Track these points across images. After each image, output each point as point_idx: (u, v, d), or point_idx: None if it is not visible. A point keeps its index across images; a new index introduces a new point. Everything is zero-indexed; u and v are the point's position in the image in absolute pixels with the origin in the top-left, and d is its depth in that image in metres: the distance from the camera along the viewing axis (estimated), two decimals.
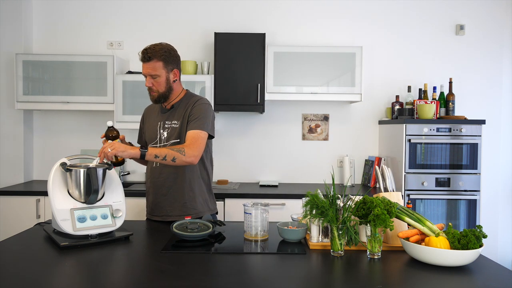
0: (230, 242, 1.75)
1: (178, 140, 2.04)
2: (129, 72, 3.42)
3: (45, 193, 3.05)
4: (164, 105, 2.12)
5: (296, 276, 1.40)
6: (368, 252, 1.52)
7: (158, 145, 2.09)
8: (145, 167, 3.59)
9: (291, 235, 1.72)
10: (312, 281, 1.36)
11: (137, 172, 3.67)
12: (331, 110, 3.69)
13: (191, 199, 2.08)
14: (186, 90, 2.18)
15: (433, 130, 3.15)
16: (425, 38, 3.66)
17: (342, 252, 1.54)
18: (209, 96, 3.30)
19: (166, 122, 2.09)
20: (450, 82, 3.45)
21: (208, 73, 3.46)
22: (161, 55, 1.98)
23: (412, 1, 3.65)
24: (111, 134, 1.89)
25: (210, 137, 2.07)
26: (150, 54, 1.96)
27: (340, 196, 1.66)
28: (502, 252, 3.70)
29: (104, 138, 1.89)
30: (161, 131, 2.09)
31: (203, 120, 2.01)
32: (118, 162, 1.88)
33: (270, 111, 3.66)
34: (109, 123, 1.90)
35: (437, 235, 1.48)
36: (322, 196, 1.64)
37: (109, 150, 1.72)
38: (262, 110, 3.34)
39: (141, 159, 1.87)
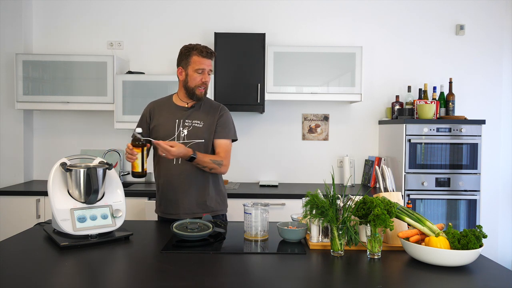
0: (230, 242, 1.75)
1: (203, 140, 2.11)
2: (129, 72, 3.42)
3: (45, 193, 3.05)
4: (186, 102, 2.17)
5: (296, 276, 1.40)
6: (368, 252, 1.52)
7: (176, 141, 2.09)
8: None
9: (291, 235, 1.72)
10: (312, 281, 1.36)
11: None
12: (331, 110, 3.69)
13: (211, 198, 2.14)
14: None
15: (433, 130, 3.15)
16: (425, 38, 3.66)
17: (342, 252, 1.54)
18: (209, 96, 3.29)
19: (187, 120, 2.13)
20: (450, 82, 3.45)
21: None
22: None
23: (412, 1, 3.65)
24: (138, 142, 1.86)
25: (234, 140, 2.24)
26: (213, 52, 2.13)
27: (340, 196, 1.66)
28: (502, 252, 3.70)
29: (132, 147, 1.86)
30: (181, 128, 2.12)
31: (232, 129, 2.21)
32: (141, 174, 1.90)
33: (270, 111, 3.66)
34: (138, 130, 1.90)
35: (437, 235, 1.48)
36: (322, 196, 1.64)
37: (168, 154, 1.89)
38: (262, 110, 3.34)
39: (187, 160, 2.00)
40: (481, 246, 1.41)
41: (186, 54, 2.11)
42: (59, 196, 1.69)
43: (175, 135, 2.11)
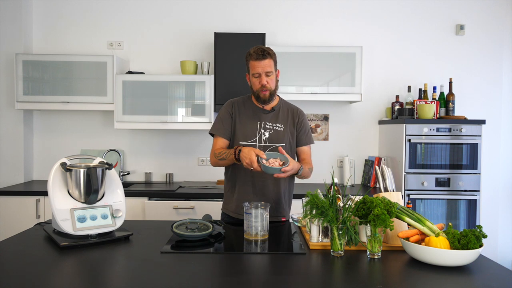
0: (230, 242, 1.75)
1: (284, 144, 2.09)
2: (129, 72, 3.42)
3: (45, 193, 3.05)
4: (262, 106, 2.13)
5: (296, 276, 1.39)
6: (368, 252, 1.52)
7: (257, 144, 2.07)
8: (144, 168, 3.58)
9: (269, 170, 1.81)
10: (312, 281, 1.36)
11: (137, 172, 3.67)
12: (331, 110, 3.69)
13: (286, 202, 2.18)
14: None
15: (433, 130, 3.15)
16: (425, 38, 3.66)
17: (342, 252, 1.54)
18: (209, 96, 3.30)
19: (268, 123, 2.10)
20: (450, 82, 3.45)
21: (208, 73, 3.46)
22: (273, 54, 2.07)
23: (412, 1, 3.65)
24: None
25: None
26: (266, 51, 2.02)
27: (337, 185, 1.66)
28: (502, 252, 3.70)
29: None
30: (262, 130, 2.09)
31: (311, 133, 2.25)
32: None
33: None
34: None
35: (437, 235, 1.48)
36: (322, 196, 1.64)
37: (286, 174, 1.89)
38: None
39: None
40: (481, 246, 1.41)
41: (246, 59, 2.09)
42: (59, 196, 1.69)
43: (257, 137, 2.08)
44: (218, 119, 2.17)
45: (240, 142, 2.09)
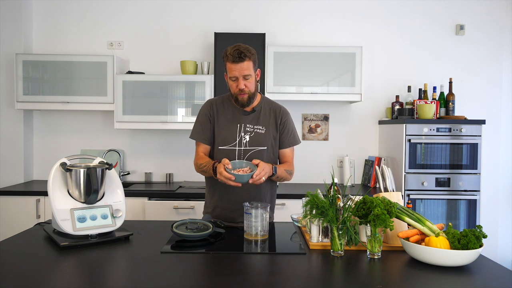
0: (230, 242, 1.75)
1: (265, 147, 1.98)
2: (129, 72, 3.42)
3: (45, 193, 3.05)
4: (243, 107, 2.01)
5: (296, 276, 1.40)
6: (368, 252, 1.52)
7: (237, 148, 1.97)
8: (144, 168, 3.58)
9: (238, 178, 1.77)
10: (312, 281, 1.36)
11: (137, 172, 3.67)
12: (331, 110, 3.69)
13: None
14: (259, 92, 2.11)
15: (433, 130, 3.15)
16: (425, 38, 3.66)
17: (342, 252, 1.54)
18: (209, 96, 3.30)
19: (248, 125, 1.99)
20: (450, 82, 3.45)
21: (208, 73, 3.46)
22: (252, 54, 1.92)
23: (412, 1, 3.65)
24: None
25: None
26: (244, 53, 1.88)
27: (337, 185, 1.65)
28: (502, 252, 3.70)
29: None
30: (242, 134, 1.97)
31: (296, 134, 2.11)
32: None
33: None
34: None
35: (437, 235, 1.48)
36: (322, 196, 1.64)
37: (263, 179, 1.81)
38: None
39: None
40: (481, 246, 1.41)
41: (223, 60, 1.95)
42: (59, 196, 1.69)
43: (236, 141, 1.97)
44: (197, 122, 2.04)
45: (220, 147, 1.99)
